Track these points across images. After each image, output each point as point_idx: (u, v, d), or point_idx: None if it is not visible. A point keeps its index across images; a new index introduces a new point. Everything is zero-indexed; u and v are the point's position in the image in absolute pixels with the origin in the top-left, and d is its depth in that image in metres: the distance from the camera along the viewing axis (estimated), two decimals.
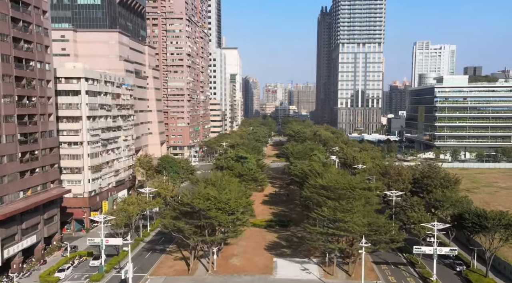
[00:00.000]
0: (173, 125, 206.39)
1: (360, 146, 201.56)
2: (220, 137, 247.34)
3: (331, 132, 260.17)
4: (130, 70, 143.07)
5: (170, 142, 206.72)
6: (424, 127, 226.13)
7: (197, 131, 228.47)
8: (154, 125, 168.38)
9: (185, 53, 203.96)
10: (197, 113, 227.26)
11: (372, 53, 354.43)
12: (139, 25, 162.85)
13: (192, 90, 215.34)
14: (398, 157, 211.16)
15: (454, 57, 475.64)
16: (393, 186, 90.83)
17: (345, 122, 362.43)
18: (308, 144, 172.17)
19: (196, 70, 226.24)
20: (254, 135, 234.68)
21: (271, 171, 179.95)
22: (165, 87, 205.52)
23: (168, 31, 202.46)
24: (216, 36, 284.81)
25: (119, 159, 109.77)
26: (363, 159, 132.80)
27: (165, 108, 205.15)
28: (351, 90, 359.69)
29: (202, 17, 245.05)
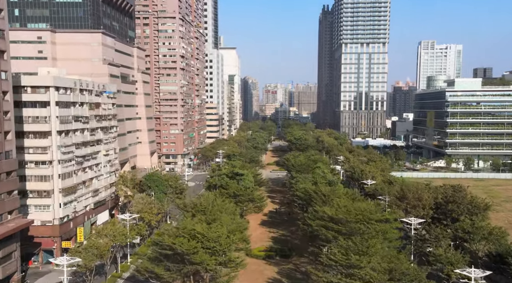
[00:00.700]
0: (166, 132, 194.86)
1: (366, 154, 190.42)
2: (217, 143, 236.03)
3: (334, 138, 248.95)
4: (116, 74, 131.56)
5: (163, 150, 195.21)
6: (433, 133, 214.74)
7: (192, 137, 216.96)
8: (143, 134, 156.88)
9: (178, 54, 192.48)
10: (192, 118, 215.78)
11: (377, 54, 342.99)
12: (126, 25, 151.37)
13: (186, 94, 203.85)
14: (407, 166, 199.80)
15: (460, 57, 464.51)
16: (411, 212, 79.37)
17: (348, 125, 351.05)
18: (311, 154, 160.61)
19: (191, 73, 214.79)
20: (253, 141, 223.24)
21: (270, 183, 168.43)
22: (157, 91, 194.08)
23: (160, 31, 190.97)
24: (212, 36, 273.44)
25: (98, 177, 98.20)
26: (373, 173, 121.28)
27: (157, 113, 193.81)
28: (354, 92, 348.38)
29: (197, 16, 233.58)
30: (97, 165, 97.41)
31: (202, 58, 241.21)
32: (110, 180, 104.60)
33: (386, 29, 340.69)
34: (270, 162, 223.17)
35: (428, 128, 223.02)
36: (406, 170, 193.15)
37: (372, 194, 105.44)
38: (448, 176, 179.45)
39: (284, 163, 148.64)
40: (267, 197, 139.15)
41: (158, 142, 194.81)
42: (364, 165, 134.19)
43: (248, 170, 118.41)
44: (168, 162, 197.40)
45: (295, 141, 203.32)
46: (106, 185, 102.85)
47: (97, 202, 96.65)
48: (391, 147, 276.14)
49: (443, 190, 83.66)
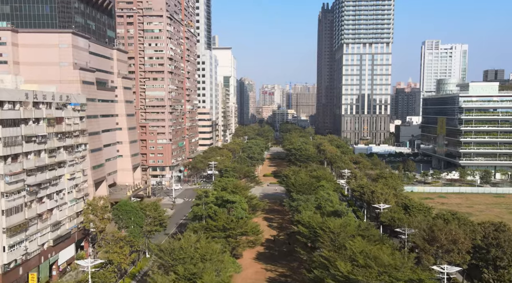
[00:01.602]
0: (152, 142, 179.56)
1: (372, 166, 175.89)
2: (210, 152, 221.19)
3: (336, 146, 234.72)
4: (90, 80, 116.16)
5: (149, 162, 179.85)
6: (445, 142, 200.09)
7: (182, 147, 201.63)
8: (124, 147, 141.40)
9: (166, 56, 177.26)
10: (181, 126, 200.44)
11: (380, 55, 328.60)
12: (105, 24, 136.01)
13: (175, 100, 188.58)
14: (417, 178, 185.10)
15: (466, 58, 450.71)
16: (444, 257, 64.47)
17: (349, 130, 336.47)
18: (313, 168, 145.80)
19: (181, 76, 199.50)
20: (249, 151, 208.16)
21: (267, 200, 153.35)
22: (143, 97, 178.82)
23: (145, 31, 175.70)
24: (205, 36, 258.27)
25: (61, 206, 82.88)
26: (385, 196, 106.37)
27: (142, 121, 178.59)
28: (356, 95, 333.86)
29: (188, 14, 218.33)
30: (58, 193, 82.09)
31: (193, 60, 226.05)
32: (77, 208, 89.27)
33: (390, 28, 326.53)
34: (267, 173, 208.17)
35: (439, 136, 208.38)
36: (416, 183, 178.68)
37: (388, 224, 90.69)
38: (464, 190, 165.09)
39: (283, 180, 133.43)
40: (263, 219, 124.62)
41: (144, 153, 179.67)
42: (374, 184, 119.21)
43: (241, 192, 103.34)
44: (155, 174, 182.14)
45: (295, 151, 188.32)
46: (72, 215, 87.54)
47: (58, 237, 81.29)
48: (396, 155, 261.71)
49: (482, 228, 68.39)
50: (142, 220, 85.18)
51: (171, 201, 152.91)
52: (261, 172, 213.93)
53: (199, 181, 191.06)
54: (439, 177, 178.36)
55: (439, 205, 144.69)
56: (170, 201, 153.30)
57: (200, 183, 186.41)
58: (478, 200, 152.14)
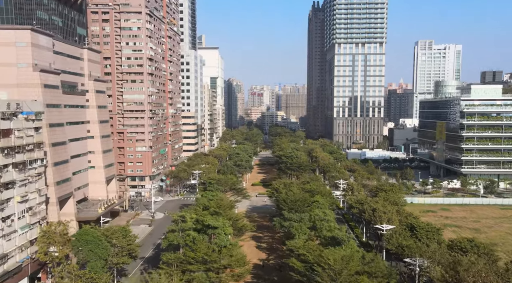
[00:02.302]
0: (131, 150, 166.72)
1: (369, 175, 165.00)
2: (194, 159, 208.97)
3: (329, 152, 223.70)
4: (53, 84, 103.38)
5: (127, 171, 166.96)
6: (445, 148, 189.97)
7: (164, 154, 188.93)
8: (97, 157, 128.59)
9: (145, 57, 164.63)
10: (163, 131, 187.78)
11: (373, 55, 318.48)
12: (74, 21, 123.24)
13: (156, 103, 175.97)
14: (416, 188, 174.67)
15: (460, 59, 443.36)
16: None
17: (342, 134, 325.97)
18: (306, 180, 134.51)
19: (162, 78, 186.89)
20: (236, 158, 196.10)
21: (256, 213, 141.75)
22: (120, 100, 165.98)
23: (122, 28, 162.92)
24: (190, 35, 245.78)
25: (8, 235, 70.24)
26: (388, 215, 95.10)
27: (120, 127, 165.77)
28: (348, 97, 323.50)
29: (171, 11, 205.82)
30: (5, 220, 69.46)
31: (176, 61, 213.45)
32: (30, 235, 76.65)
33: (384, 27, 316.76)
34: (255, 181, 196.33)
35: (438, 141, 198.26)
36: (415, 193, 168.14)
37: (395, 252, 79.36)
38: (467, 201, 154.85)
39: (273, 194, 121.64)
40: (251, 238, 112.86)
41: (122, 162, 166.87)
42: (374, 200, 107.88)
43: (225, 212, 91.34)
44: (134, 185, 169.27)
45: (286, 159, 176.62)
46: (24, 244, 74.94)
47: (4, 273, 68.63)
48: (392, 161, 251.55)
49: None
50: (106, 252, 72.64)
51: (150, 216, 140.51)
52: (250, 180, 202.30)
53: (183, 191, 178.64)
54: (440, 186, 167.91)
55: (443, 219, 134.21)
56: (149, 216, 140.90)
57: (184, 194, 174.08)
58: (484, 213, 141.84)
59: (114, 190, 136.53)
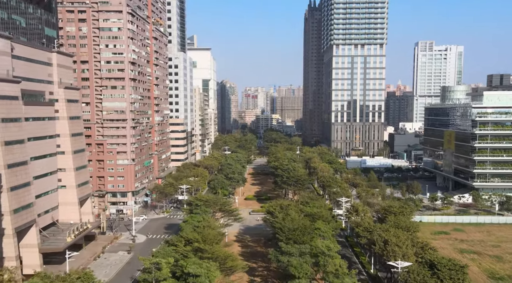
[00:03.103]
0: (111, 163, 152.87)
1: (374, 193, 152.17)
2: (183, 170, 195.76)
3: (327, 161, 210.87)
4: (10, 94, 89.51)
5: (107, 187, 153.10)
6: (454, 159, 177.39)
7: (149, 166, 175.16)
8: (68, 175, 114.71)
9: (127, 60, 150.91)
10: (148, 142, 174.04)
11: (373, 57, 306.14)
12: (41, 21, 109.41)
13: (139, 111, 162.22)
14: (424, 203, 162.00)
15: (462, 60, 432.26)
16: None
17: (340, 140, 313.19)
18: (305, 199, 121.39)
19: (147, 83, 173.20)
20: (228, 169, 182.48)
21: (248, 236, 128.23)
22: (99, 108, 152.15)
23: (101, 29, 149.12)
24: (178, 36, 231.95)
25: None
26: (403, 250, 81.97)
27: (99, 138, 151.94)
28: (347, 101, 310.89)
29: (157, 11, 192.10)
30: None
31: (163, 64, 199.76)
32: None
33: (384, 27, 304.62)
34: (249, 195, 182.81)
35: (445, 151, 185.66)
36: (424, 210, 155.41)
37: None
38: (482, 220, 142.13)
39: (268, 219, 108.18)
40: (242, 271, 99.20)
41: (101, 176, 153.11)
42: (383, 228, 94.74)
43: (211, 250, 77.82)
44: (114, 202, 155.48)
45: (282, 172, 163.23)
46: None
47: None
48: (394, 170, 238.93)
49: None
50: None
51: (131, 239, 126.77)
52: (243, 192, 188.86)
53: (169, 207, 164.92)
54: (451, 202, 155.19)
55: (458, 243, 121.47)
56: (129, 239, 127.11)
57: (170, 211, 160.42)
58: (502, 234, 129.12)
59: (89, 211, 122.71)
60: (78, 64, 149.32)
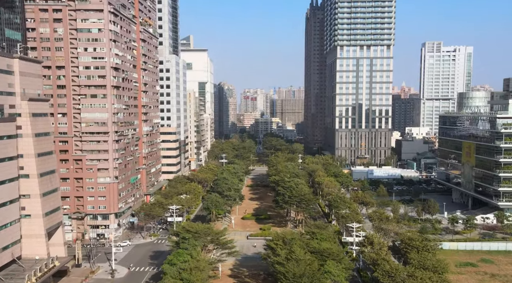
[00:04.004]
0: (91, 181, 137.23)
1: (389, 217, 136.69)
2: (174, 185, 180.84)
3: (333, 174, 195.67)
4: None
5: (86, 208, 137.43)
6: (474, 174, 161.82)
7: (135, 182, 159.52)
8: (33, 202, 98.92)
9: (109, 65, 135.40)
10: (135, 155, 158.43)
11: (379, 59, 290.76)
12: (1, 21, 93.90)
13: (124, 122, 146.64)
14: (442, 223, 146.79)
15: (471, 62, 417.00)
16: None
17: (344, 147, 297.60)
18: (311, 229, 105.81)
19: (133, 90, 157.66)
20: (223, 184, 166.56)
21: (245, 271, 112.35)
22: (77, 120, 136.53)
23: (79, 30, 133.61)
24: (170, 37, 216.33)
25: None
26: None
27: (77, 153, 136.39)
28: (352, 106, 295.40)
29: (145, 10, 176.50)
30: None
31: (153, 68, 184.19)
32: None
33: (391, 27, 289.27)
34: (247, 214, 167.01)
35: (464, 165, 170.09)
36: (443, 233, 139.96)
37: None
38: None
39: (267, 257, 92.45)
40: None
41: (80, 196, 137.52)
42: (408, 270, 79.27)
43: None
44: (95, 225, 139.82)
45: (283, 190, 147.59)
46: None
47: None
48: (405, 183, 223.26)
49: None
50: None
51: (109, 272, 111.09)
52: (240, 209, 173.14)
53: (157, 229, 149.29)
54: (474, 225, 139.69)
55: (489, 279, 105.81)
56: (108, 273, 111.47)
57: (158, 234, 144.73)
58: None
59: (60, 242, 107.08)
60: (53, 70, 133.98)
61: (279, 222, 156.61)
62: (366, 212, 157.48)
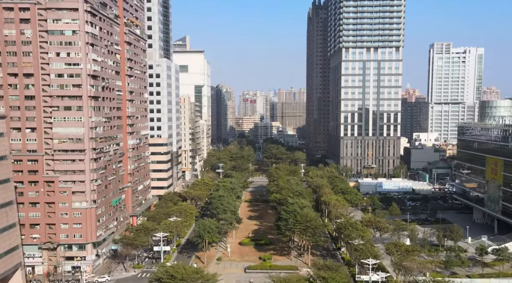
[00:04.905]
0: (65, 206, 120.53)
1: (406, 249, 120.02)
2: (165, 202, 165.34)
3: (340, 190, 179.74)
4: None
5: (59, 237, 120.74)
6: (501, 194, 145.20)
7: (118, 204, 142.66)
8: None
9: (85, 72, 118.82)
10: (117, 173, 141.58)
11: (388, 62, 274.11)
12: None
13: (105, 137, 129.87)
14: (467, 251, 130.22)
15: (482, 64, 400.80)
16: None
17: (350, 156, 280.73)
18: (320, 266, 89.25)
19: (116, 100, 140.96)
20: (219, 203, 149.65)
21: None
22: (49, 135, 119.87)
23: (51, 32, 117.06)
24: (161, 39, 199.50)
25: None
26: None
27: (48, 174, 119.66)
28: (358, 112, 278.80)
29: (131, 8, 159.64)
30: None
31: (140, 73, 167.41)
32: None
33: (401, 28, 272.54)
34: (244, 239, 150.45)
35: (489, 183, 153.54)
36: (471, 264, 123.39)
37: None
38: None
39: None
40: None
41: (52, 223, 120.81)
42: None
43: None
44: (70, 256, 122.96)
45: (286, 214, 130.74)
46: None
47: None
48: (418, 199, 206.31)
49: None
50: None
51: None
52: (238, 232, 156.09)
53: (142, 260, 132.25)
54: (508, 257, 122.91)
55: None
56: None
57: (143, 266, 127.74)
58: None
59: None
60: (20, 78, 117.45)
61: (281, 249, 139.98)
62: (379, 236, 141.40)
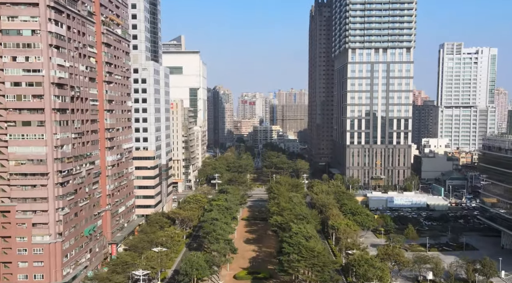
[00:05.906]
0: (24, 241, 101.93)
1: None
2: (150, 227, 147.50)
3: (349, 211, 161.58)
4: None
5: (16, 278, 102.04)
6: None
7: (92, 234, 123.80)
8: None
9: (48, 80, 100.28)
10: (92, 196, 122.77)
11: (398, 64, 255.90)
12: None
13: (74, 157, 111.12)
14: None
15: (495, 65, 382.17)
16: None
17: (357, 166, 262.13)
18: None
19: (90, 111, 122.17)
20: (212, 230, 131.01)
21: None
22: (4, 156, 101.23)
23: (5, 32, 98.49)
24: (148, 40, 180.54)
25: None
26: None
27: (4, 202, 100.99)
28: (365, 118, 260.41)
29: (111, 4, 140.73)
30: None
31: (122, 79, 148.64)
32: None
33: (412, 27, 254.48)
34: (240, 271, 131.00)
35: None
36: None
37: None
38: None
39: None
40: None
41: (8, 262, 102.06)
42: None
43: None
44: None
45: (289, 248, 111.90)
46: None
47: None
48: (436, 218, 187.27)
49: None
50: None
51: None
52: (232, 264, 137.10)
53: None
54: None
55: None
56: None
57: None
58: None
59: None
60: None
61: None
62: (398, 269, 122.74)
